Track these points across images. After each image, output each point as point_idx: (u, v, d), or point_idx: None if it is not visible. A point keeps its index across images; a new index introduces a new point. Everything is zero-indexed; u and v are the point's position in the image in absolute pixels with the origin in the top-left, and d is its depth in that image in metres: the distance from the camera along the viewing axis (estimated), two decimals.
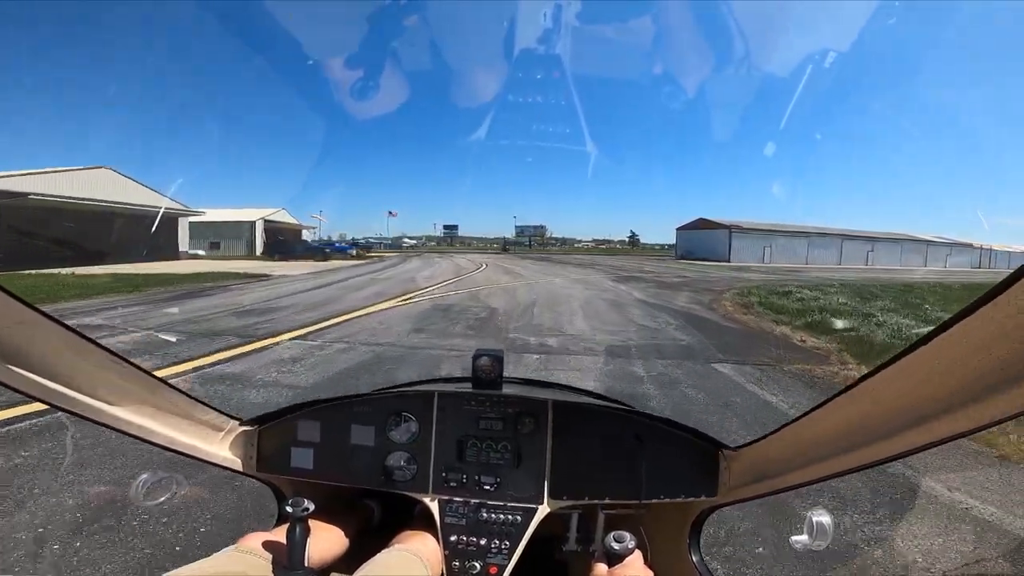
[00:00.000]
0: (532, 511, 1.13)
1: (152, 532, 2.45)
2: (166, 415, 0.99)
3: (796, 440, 0.89)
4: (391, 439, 1.20)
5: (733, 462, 1.08)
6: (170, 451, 1.00)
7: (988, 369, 0.51)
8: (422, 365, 5.83)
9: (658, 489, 1.11)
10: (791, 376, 5.77)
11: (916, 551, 2.49)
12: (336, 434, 1.21)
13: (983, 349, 0.51)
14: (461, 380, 1.40)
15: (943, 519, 2.81)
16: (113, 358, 0.85)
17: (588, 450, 1.16)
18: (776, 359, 6.44)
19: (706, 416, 4.32)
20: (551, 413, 1.19)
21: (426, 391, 1.24)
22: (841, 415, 0.76)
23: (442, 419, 1.21)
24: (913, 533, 2.66)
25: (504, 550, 1.09)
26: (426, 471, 1.18)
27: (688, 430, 1.14)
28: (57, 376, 0.78)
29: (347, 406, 1.22)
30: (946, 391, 0.57)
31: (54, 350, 0.77)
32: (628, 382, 5.36)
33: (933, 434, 0.59)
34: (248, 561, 0.90)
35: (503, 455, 1.18)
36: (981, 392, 0.53)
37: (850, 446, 0.73)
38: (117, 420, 0.89)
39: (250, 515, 2.62)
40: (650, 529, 1.24)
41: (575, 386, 1.59)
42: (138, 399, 0.93)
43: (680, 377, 5.54)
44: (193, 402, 1.05)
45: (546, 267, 28.39)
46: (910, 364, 0.59)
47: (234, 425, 1.17)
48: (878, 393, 0.67)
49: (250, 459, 1.19)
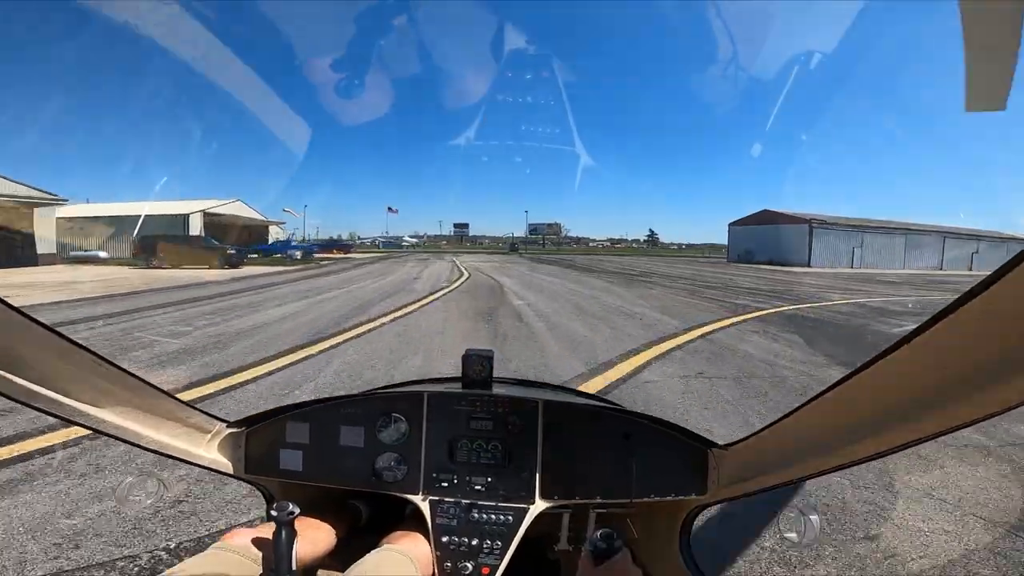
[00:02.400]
0: (523, 511, 1.13)
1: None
2: (153, 418, 0.98)
3: (785, 437, 0.90)
4: (381, 440, 1.19)
5: (722, 460, 1.08)
6: (157, 454, 0.99)
7: (972, 367, 0.52)
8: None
9: (648, 488, 1.12)
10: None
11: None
12: (325, 436, 1.20)
13: (968, 346, 0.52)
14: (451, 380, 1.39)
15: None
16: (99, 361, 0.84)
17: (579, 450, 1.16)
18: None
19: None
20: (541, 413, 1.19)
21: (416, 392, 1.23)
22: (829, 412, 0.76)
23: (432, 419, 1.20)
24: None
25: (496, 550, 1.09)
26: (417, 472, 1.18)
27: (677, 429, 1.15)
28: (43, 380, 0.77)
29: (336, 407, 1.21)
30: (932, 388, 0.57)
31: (39, 353, 0.77)
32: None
33: (921, 430, 0.59)
34: (233, 560, 0.88)
35: (494, 455, 1.18)
36: (967, 388, 0.53)
37: (839, 443, 0.73)
38: (103, 424, 0.88)
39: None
40: (641, 527, 1.26)
41: (565, 386, 1.64)
42: (125, 402, 0.92)
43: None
44: (180, 404, 1.04)
45: (569, 280, 18.03)
46: (895, 362, 0.60)
47: (221, 427, 1.16)
48: (865, 390, 0.67)
49: (238, 461, 1.17)
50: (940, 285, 20.90)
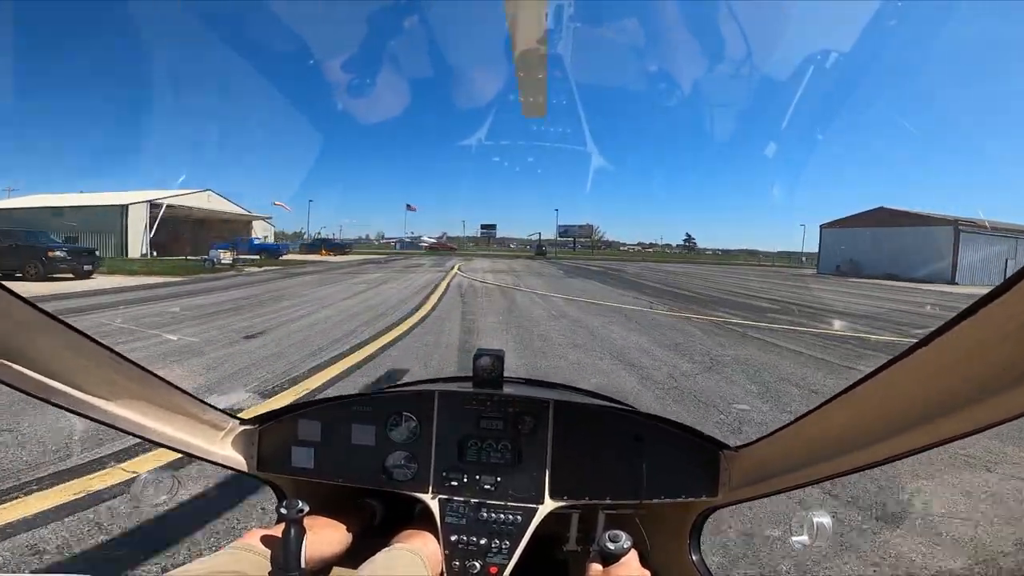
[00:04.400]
0: (532, 511, 1.13)
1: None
2: (167, 413, 0.99)
3: (797, 440, 0.89)
4: (391, 438, 1.20)
5: (734, 462, 1.08)
6: (171, 450, 1.00)
7: (989, 370, 0.51)
8: None
9: (658, 489, 1.11)
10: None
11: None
12: (337, 433, 1.20)
13: (984, 350, 0.51)
14: (462, 379, 1.40)
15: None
16: (113, 356, 0.85)
17: (589, 450, 1.15)
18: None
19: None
20: (552, 413, 1.18)
21: (427, 390, 1.23)
22: (842, 416, 0.76)
23: (443, 419, 1.20)
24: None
25: (504, 550, 1.09)
26: (426, 470, 1.18)
27: (689, 430, 1.14)
28: (57, 374, 0.78)
29: (347, 405, 1.22)
30: (947, 392, 0.56)
31: (54, 348, 0.77)
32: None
33: (935, 434, 0.58)
34: (247, 559, 0.89)
35: (504, 455, 1.18)
36: (982, 393, 0.52)
37: (851, 446, 0.72)
38: (117, 419, 0.88)
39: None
40: (650, 529, 1.25)
41: (576, 386, 1.58)
42: (139, 397, 0.92)
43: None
44: (194, 401, 1.04)
45: (654, 331, 8.57)
46: (911, 365, 0.59)
47: (235, 424, 1.16)
48: (879, 394, 0.66)
49: (251, 458, 1.18)
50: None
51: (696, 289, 17.98)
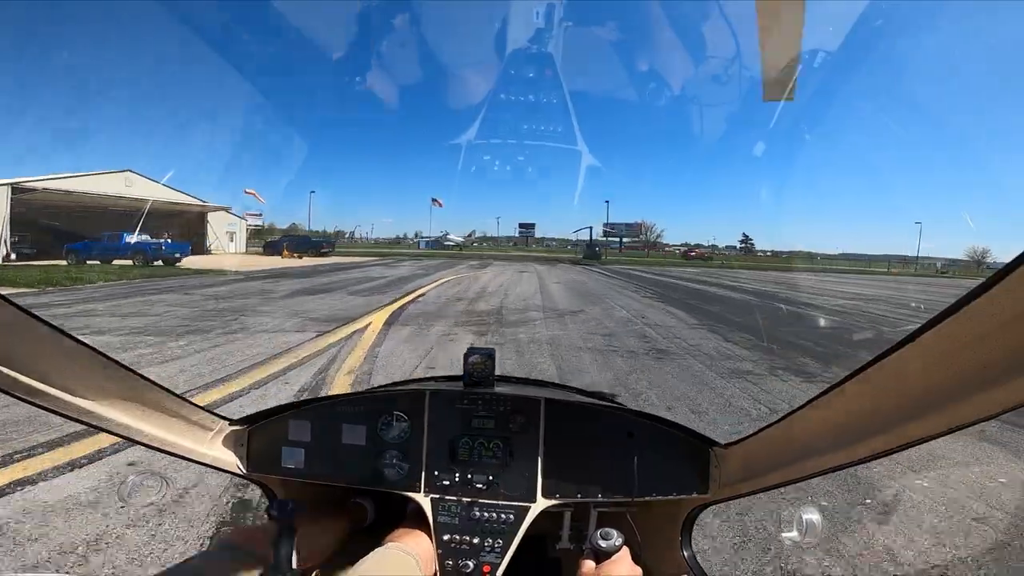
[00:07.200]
0: (525, 509, 1.13)
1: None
2: (155, 415, 0.98)
3: (787, 437, 0.89)
4: (383, 438, 1.20)
5: (724, 459, 1.09)
6: (159, 451, 0.99)
7: (975, 366, 0.52)
8: None
9: (650, 487, 1.12)
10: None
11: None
12: (327, 434, 1.20)
13: (970, 346, 0.51)
14: (453, 379, 1.40)
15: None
16: (100, 358, 0.84)
17: (580, 448, 1.16)
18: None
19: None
20: (543, 411, 1.19)
21: (417, 390, 1.23)
22: (831, 411, 0.76)
23: (434, 418, 1.21)
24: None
25: (497, 548, 1.09)
26: (418, 470, 1.18)
27: (680, 428, 1.15)
28: (44, 376, 0.77)
29: (338, 406, 1.22)
30: (934, 388, 0.57)
31: (40, 350, 0.76)
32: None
33: (924, 430, 0.59)
34: (238, 560, 0.88)
35: (495, 454, 1.18)
36: (968, 388, 0.53)
37: (840, 442, 0.73)
38: (105, 421, 0.87)
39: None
40: (642, 526, 1.26)
41: (567, 384, 1.58)
42: (126, 399, 0.91)
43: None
44: (182, 402, 1.04)
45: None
46: (897, 361, 0.59)
47: (223, 425, 1.16)
48: (867, 390, 0.67)
49: (241, 459, 1.18)
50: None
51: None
